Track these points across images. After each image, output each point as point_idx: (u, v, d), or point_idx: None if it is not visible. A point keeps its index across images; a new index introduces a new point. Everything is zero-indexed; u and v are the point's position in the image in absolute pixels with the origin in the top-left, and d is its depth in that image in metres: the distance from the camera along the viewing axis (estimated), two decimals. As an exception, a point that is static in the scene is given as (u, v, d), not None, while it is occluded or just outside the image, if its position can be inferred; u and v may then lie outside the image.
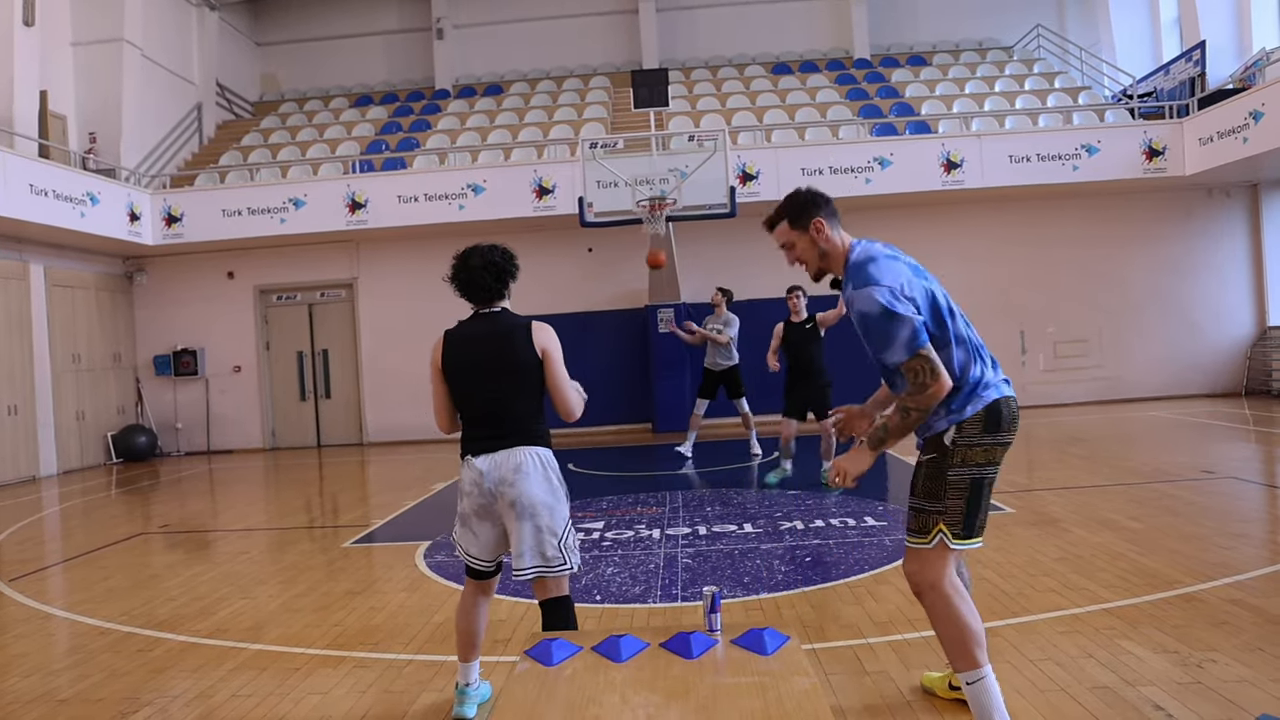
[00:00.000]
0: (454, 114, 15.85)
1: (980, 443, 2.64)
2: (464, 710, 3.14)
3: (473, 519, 3.08)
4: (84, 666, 3.98)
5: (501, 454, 3.02)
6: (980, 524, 2.67)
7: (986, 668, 2.60)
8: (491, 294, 3.13)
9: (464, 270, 3.11)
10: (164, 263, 13.81)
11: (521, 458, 3.01)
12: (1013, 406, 2.71)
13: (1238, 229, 13.28)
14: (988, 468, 2.65)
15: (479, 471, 3.03)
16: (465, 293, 3.14)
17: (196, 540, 6.98)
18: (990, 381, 2.68)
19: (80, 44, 13.21)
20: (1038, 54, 16.56)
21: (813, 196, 2.80)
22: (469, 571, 3.19)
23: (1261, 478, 7.15)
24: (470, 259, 3.12)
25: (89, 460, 12.65)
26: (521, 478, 2.99)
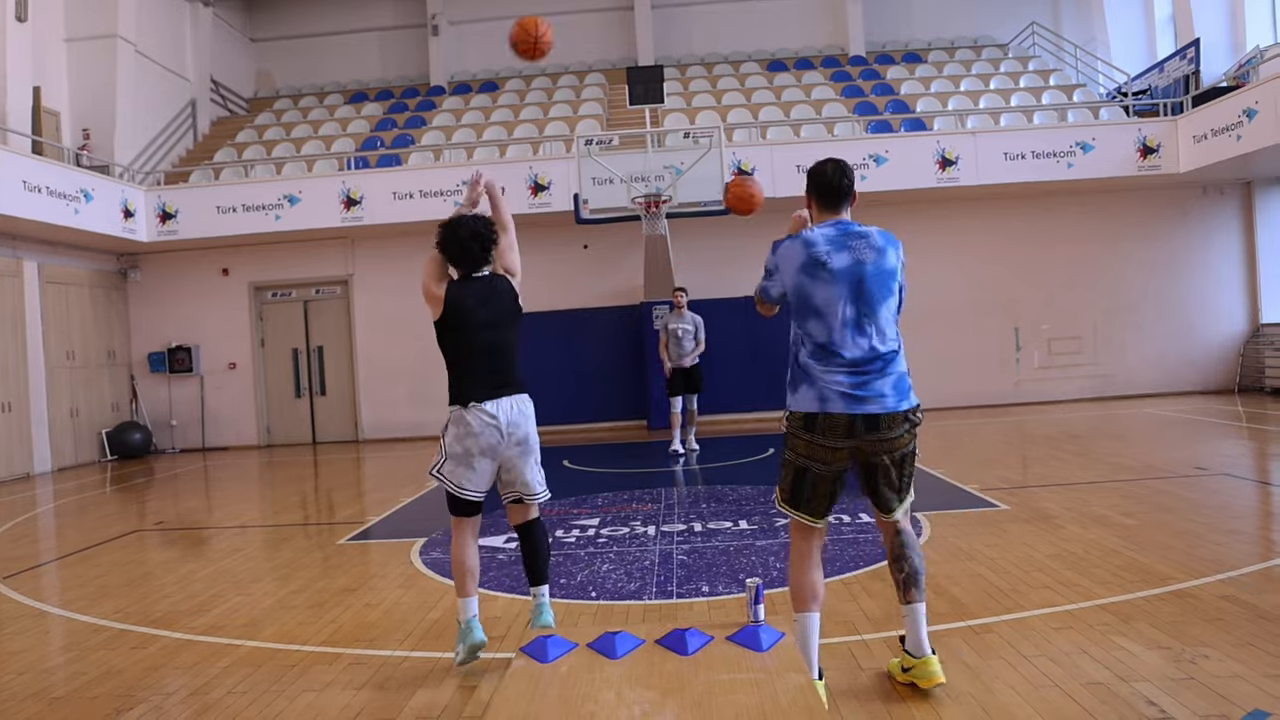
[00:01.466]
0: (449, 110, 15.82)
1: (800, 436, 3.05)
2: (476, 636, 3.49)
3: (477, 457, 3.48)
4: (78, 664, 3.98)
5: (508, 400, 3.50)
6: (803, 503, 3.07)
7: (801, 614, 3.05)
8: (480, 261, 3.56)
9: (455, 241, 3.52)
10: (158, 259, 13.77)
11: (527, 405, 3.57)
12: (832, 419, 2.97)
13: (1231, 227, 13.33)
14: (811, 461, 3.03)
15: (490, 415, 3.46)
16: (456, 261, 3.54)
17: (191, 537, 6.97)
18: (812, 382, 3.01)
19: (74, 40, 13.15)
20: (1033, 51, 16.58)
21: (812, 174, 3.22)
22: (462, 508, 3.56)
23: (1253, 474, 7.18)
24: (459, 230, 3.51)
25: (83, 457, 12.62)
26: (526, 420, 3.54)
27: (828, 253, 3.04)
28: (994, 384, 13.38)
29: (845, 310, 3.00)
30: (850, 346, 2.99)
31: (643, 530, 6.00)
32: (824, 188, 3.16)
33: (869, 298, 3.02)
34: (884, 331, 3.03)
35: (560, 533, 6.05)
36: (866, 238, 3.09)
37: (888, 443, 3.02)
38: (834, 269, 3.02)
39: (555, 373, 13.07)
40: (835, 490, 3.07)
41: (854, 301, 3.01)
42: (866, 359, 2.99)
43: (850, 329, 3.00)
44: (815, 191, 3.18)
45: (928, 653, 3.07)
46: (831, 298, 3.01)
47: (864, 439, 2.99)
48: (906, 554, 3.12)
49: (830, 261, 3.03)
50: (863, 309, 3.01)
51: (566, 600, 4.50)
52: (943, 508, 6.19)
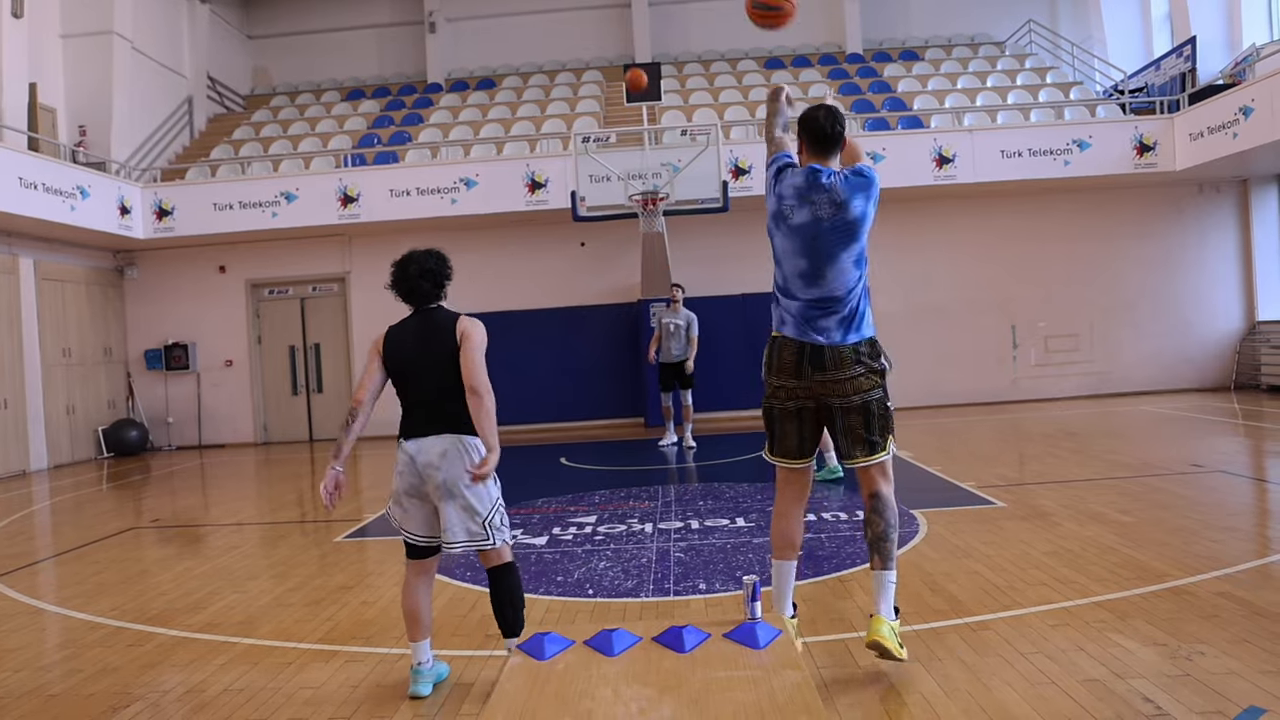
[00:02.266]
0: (446, 108, 15.79)
1: (766, 380, 3.29)
2: (419, 689, 3.28)
3: (404, 497, 3.32)
4: (75, 661, 3.97)
5: (429, 439, 3.27)
6: (775, 445, 3.31)
7: (778, 561, 3.35)
8: (430, 297, 3.44)
9: (404, 280, 3.40)
10: (155, 256, 13.74)
11: (446, 444, 3.26)
12: (785, 344, 3.20)
13: (1227, 224, 13.34)
14: (773, 401, 3.29)
15: (409, 455, 3.29)
16: (406, 299, 3.44)
17: (188, 535, 6.96)
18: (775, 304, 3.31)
19: (70, 36, 13.10)
20: (1030, 49, 16.57)
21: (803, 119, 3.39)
22: (408, 550, 3.39)
23: (1249, 471, 7.20)
24: (409, 267, 3.40)
25: (79, 455, 12.59)
26: (447, 462, 3.24)
27: (791, 207, 3.27)
28: (991, 381, 13.39)
29: (798, 262, 3.25)
30: (801, 292, 3.25)
31: (640, 528, 6.00)
32: (815, 134, 3.31)
33: (822, 253, 3.22)
34: (835, 279, 3.22)
35: (557, 530, 6.05)
36: (829, 191, 3.22)
37: (840, 384, 3.17)
38: (793, 224, 3.25)
39: (552, 370, 13.07)
40: (802, 430, 3.29)
41: (807, 255, 3.23)
42: (815, 300, 3.23)
43: (802, 278, 3.25)
44: (806, 137, 3.34)
45: (877, 611, 3.14)
46: (788, 250, 3.27)
47: (813, 380, 3.18)
48: (873, 518, 3.24)
49: (791, 216, 3.25)
50: (815, 262, 3.22)
51: (564, 598, 4.50)
52: (939, 505, 6.19)
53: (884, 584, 3.16)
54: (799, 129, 3.38)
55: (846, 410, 3.20)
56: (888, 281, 12.44)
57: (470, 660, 3.67)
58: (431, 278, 3.41)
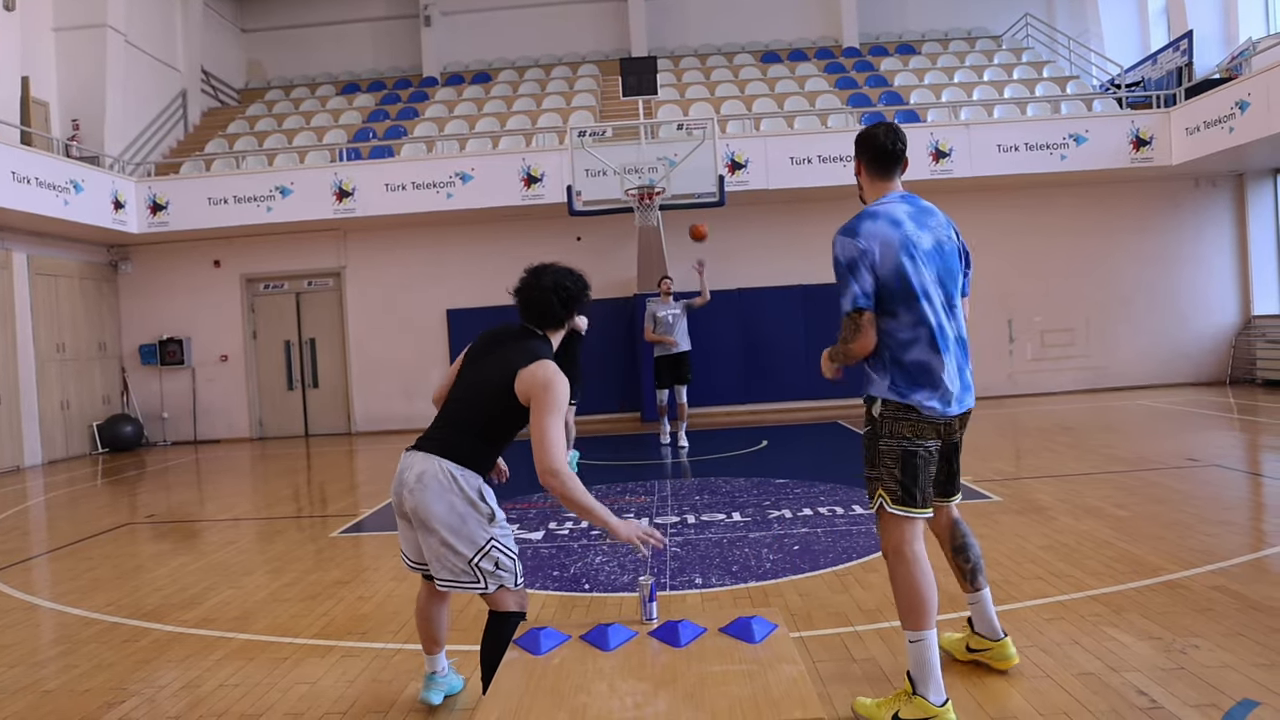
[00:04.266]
0: (442, 102, 15.74)
1: (904, 419, 2.80)
2: (429, 696, 3.15)
3: (397, 517, 2.94)
4: (70, 657, 3.96)
5: (416, 456, 2.85)
6: (919, 492, 2.82)
7: (929, 632, 2.76)
8: (546, 318, 2.95)
9: (536, 287, 2.93)
10: (149, 251, 13.69)
11: (426, 467, 2.80)
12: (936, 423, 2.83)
13: (1223, 219, 13.36)
14: (917, 440, 2.80)
15: (399, 467, 2.91)
16: (522, 311, 2.98)
17: (183, 530, 6.94)
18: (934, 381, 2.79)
19: (62, 29, 13.03)
20: (1026, 43, 16.56)
21: (861, 138, 2.99)
22: None
23: (1244, 466, 7.22)
24: (542, 278, 2.94)
25: (74, 450, 12.56)
26: (421, 489, 2.78)
27: (916, 232, 2.81)
28: (987, 376, 13.40)
29: (939, 292, 2.81)
30: (946, 337, 2.80)
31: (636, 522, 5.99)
32: (879, 153, 2.91)
33: (951, 280, 2.86)
34: (960, 317, 2.90)
35: (553, 525, 6.05)
36: (935, 214, 2.92)
37: (969, 413, 2.98)
38: (925, 249, 2.80)
39: (549, 365, 13.02)
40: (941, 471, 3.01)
41: (943, 283, 2.83)
42: (958, 347, 2.86)
43: (946, 314, 2.82)
44: (868, 158, 2.94)
45: (1002, 635, 3.17)
46: (930, 279, 2.78)
47: (946, 436, 2.91)
48: (970, 542, 3.21)
49: (920, 241, 2.80)
50: (949, 292, 2.84)
51: (560, 593, 4.50)
52: (935, 499, 6.19)
53: (991, 600, 3.23)
54: (858, 149, 2.98)
55: (960, 443, 3.03)
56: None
57: (466, 655, 3.66)
58: (561, 294, 2.91)
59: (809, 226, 12.82)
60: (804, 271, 12.77)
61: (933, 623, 2.76)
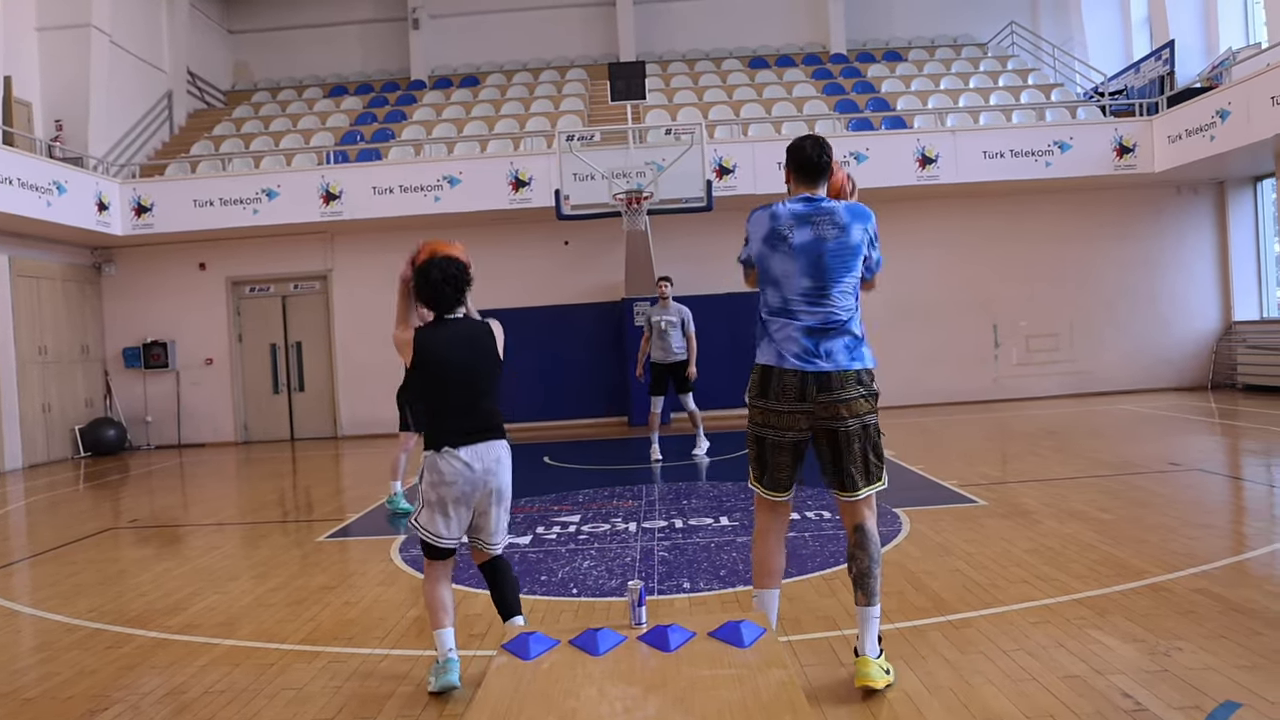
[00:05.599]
0: (429, 105, 15.72)
1: (756, 405, 3.22)
2: (451, 678, 3.27)
3: (452, 505, 3.31)
4: (51, 664, 3.92)
5: (483, 446, 3.34)
6: (765, 475, 3.25)
7: (760, 590, 3.28)
8: (453, 304, 3.44)
9: (427, 285, 3.41)
10: (133, 253, 13.58)
11: (500, 450, 3.39)
12: (785, 376, 3.14)
13: (1204, 226, 13.51)
14: (765, 428, 3.21)
15: (465, 462, 3.30)
16: (430, 305, 3.44)
17: (167, 535, 6.89)
18: (770, 339, 3.22)
19: (46, 29, 12.92)
20: (1011, 51, 16.71)
21: (791, 149, 3.34)
22: (436, 552, 3.40)
23: (1226, 470, 7.30)
24: (430, 273, 3.40)
25: (55, 454, 12.43)
26: (501, 468, 3.38)
27: (790, 227, 3.21)
28: (973, 380, 13.49)
29: (802, 282, 3.18)
30: (805, 315, 3.18)
31: (624, 527, 6.00)
32: (803, 163, 3.29)
33: (826, 272, 3.17)
34: (838, 301, 3.18)
35: (541, 529, 6.04)
36: (831, 214, 3.21)
37: (844, 405, 3.11)
38: (794, 244, 3.19)
39: (535, 369, 13.02)
40: (795, 462, 3.25)
41: (811, 275, 3.18)
42: (819, 325, 3.17)
43: (805, 299, 3.18)
44: (794, 166, 3.32)
45: (865, 652, 3.10)
46: (790, 271, 3.20)
47: (817, 400, 3.12)
48: (857, 553, 3.17)
49: (792, 237, 3.20)
50: (819, 283, 3.17)
51: (548, 597, 4.49)
52: (922, 504, 6.23)
53: (869, 620, 3.11)
54: (787, 158, 3.34)
55: (848, 436, 3.12)
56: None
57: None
58: (453, 283, 3.41)
59: (796, 231, 12.88)
60: (791, 276, 12.81)
61: (765, 584, 3.27)
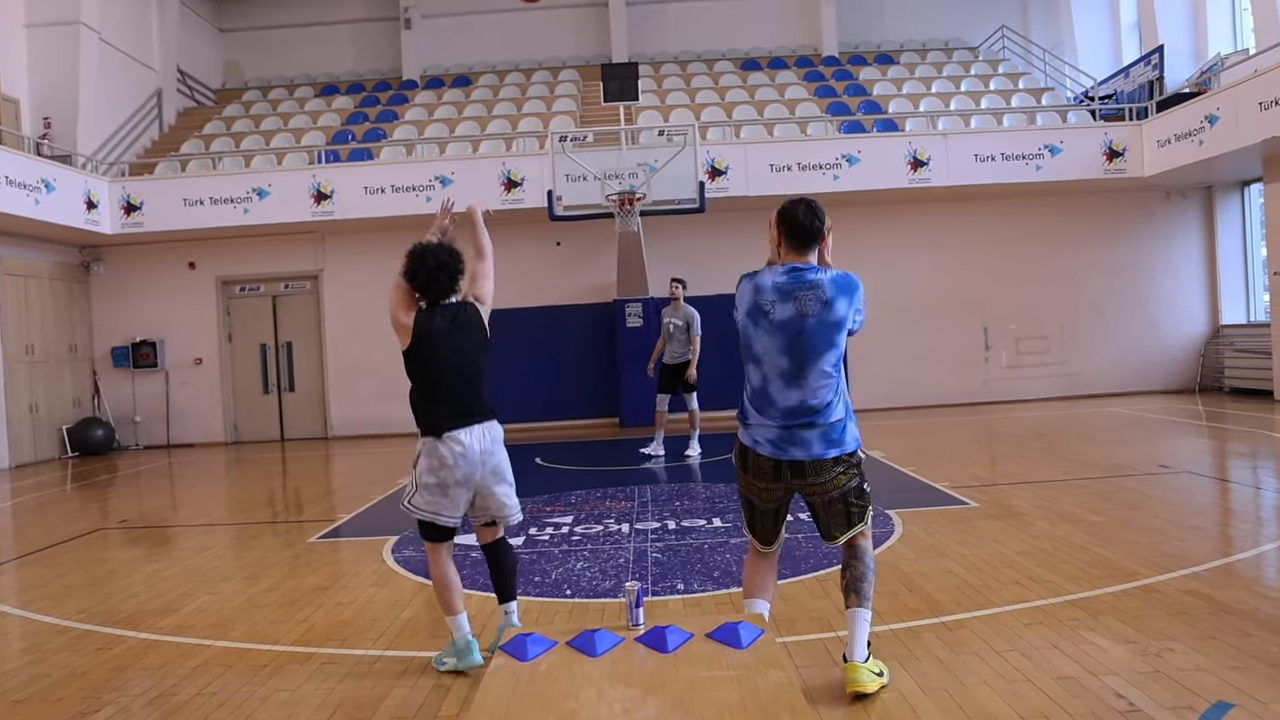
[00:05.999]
0: (421, 105, 15.67)
1: (741, 472, 3.24)
2: (476, 658, 3.45)
3: (453, 488, 3.45)
4: (41, 666, 3.89)
5: (480, 428, 3.51)
6: (754, 530, 3.28)
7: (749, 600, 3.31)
8: (447, 291, 3.56)
9: (422, 271, 3.49)
10: (122, 252, 13.48)
11: (497, 431, 3.59)
12: (761, 460, 3.12)
13: (1193, 230, 13.61)
14: (749, 492, 3.22)
15: (463, 444, 3.44)
16: (423, 291, 3.53)
17: (157, 535, 6.84)
18: (747, 423, 3.18)
19: (34, 26, 12.81)
20: (1002, 54, 16.79)
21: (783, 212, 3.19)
22: (437, 534, 3.53)
23: (1214, 472, 7.35)
24: (426, 260, 3.49)
25: (42, 454, 12.32)
26: (499, 447, 3.57)
27: (772, 303, 3.08)
28: (963, 383, 13.54)
29: (780, 361, 3.07)
30: (781, 398, 3.08)
31: (616, 528, 5.99)
32: (794, 229, 3.12)
33: (806, 351, 3.04)
34: (817, 385, 3.06)
35: (534, 530, 6.03)
36: (816, 288, 3.06)
37: (819, 485, 3.10)
38: (775, 320, 3.07)
39: (527, 370, 13.01)
40: (778, 521, 3.27)
41: (789, 354, 3.06)
42: (795, 410, 3.06)
43: (783, 380, 3.07)
44: (785, 231, 3.15)
45: (854, 658, 3.07)
46: (770, 348, 3.09)
47: (792, 483, 3.12)
48: (853, 562, 3.20)
49: (773, 313, 3.07)
50: (797, 363, 3.05)
51: (541, 598, 4.49)
52: (914, 505, 6.25)
53: (860, 622, 3.09)
54: (777, 220, 3.16)
55: (827, 504, 3.14)
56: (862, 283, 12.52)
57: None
58: (447, 271, 3.52)
59: (788, 233, 12.89)
60: (783, 278, 12.81)
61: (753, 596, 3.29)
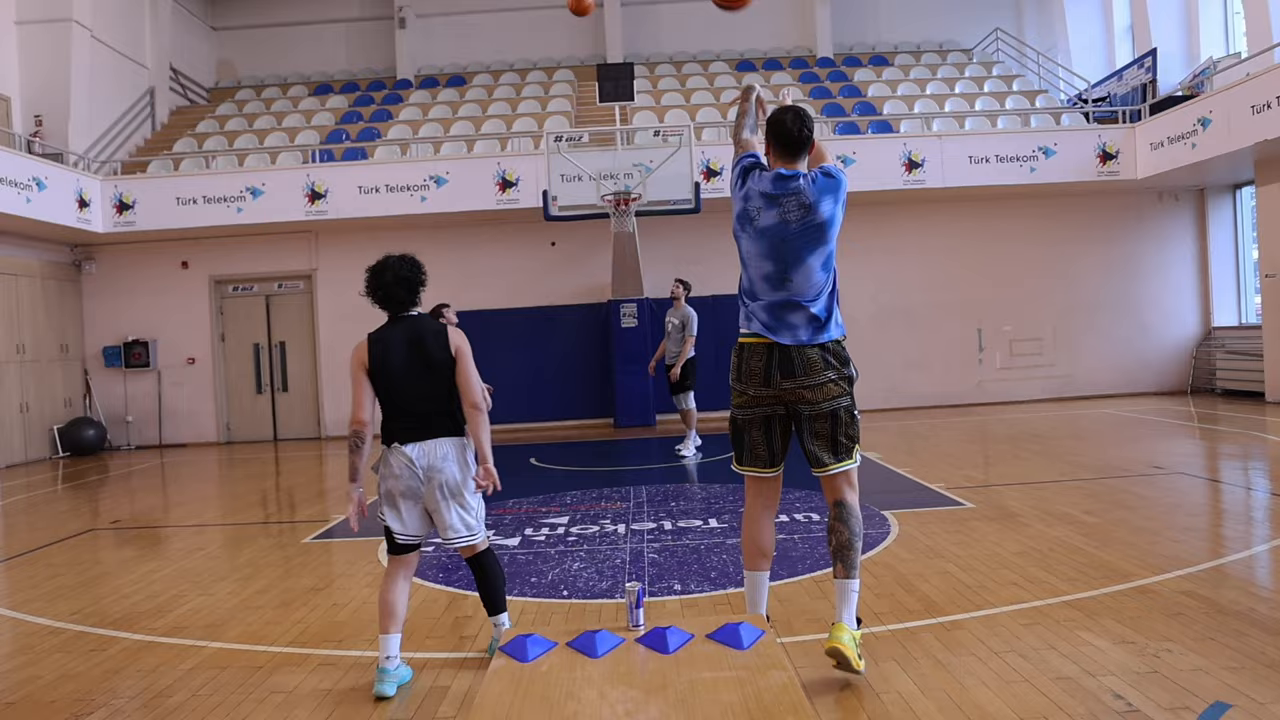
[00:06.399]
0: (416, 104, 15.63)
1: (733, 388, 3.29)
2: (384, 689, 3.28)
3: (399, 499, 3.41)
4: (33, 667, 3.85)
5: (430, 443, 3.40)
6: (744, 455, 3.31)
7: (750, 571, 3.35)
8: (405, 304, 3.48)
9: (380, 286, 3.45)
10: (114, 251, 13.42)
11: (447, 447, 3.41)
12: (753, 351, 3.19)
13: (1185, 232, 13.67)
14: (739, 410, 3.27)
15: (408, 457, 3.38)
16: (383, 305, 3.49)
17: (149, 536, 6.80)
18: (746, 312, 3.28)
19: (25, 23, 12.74)
20: (997, 57, 16.84)
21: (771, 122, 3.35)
22: (393, 548, 3.48)
23: (1207, 473, 7.38)
24: (384, 274, 3.45)
25: (33, 454, 12.25)
26: (447, 464, 3.39)
27: (758, 209, 3.22)
28: (957, 384, 13.58)
29: (764, 265, 3.21)
30: (767, 295, 3.21)
31: (612, 529, 5.98)
32: (782, 136, 3.27)
33: (789, 256, 3.18)
34: (802, 283, 3.19)
35: (530, 531, 6.02)
36: (797, 194, 3.18)
37: (811, 390, 3.15)
38: (759, 226, 3.21)
39: (521, 370, 12.98)
40: (770, 437, 3.27)
41: (773, 258, 3.19)
42: (780, 304, 3.20)
43: (768, 281, 3.21)
44: (773, 139, 3.30)
45: (839, 619, 3.13)
46: (754, 252, 3.24)
47: (782, 386, 3.15)
48: (837, 525, 3.23)
49: (758, 218, 3.21)
50: (781, 266, 3.18)
51: (538, 599, 4.47)
52: (910, 506, 6.26)
53: (847, 592, 3.15)
54: (766, 131, 3.35)
55: (815, 417, 3.19)
56: (856, 284, 12.56)
57: (445, 663, 3.63)
58: (406, 285, 3.45)
59: (783, 234, 12.89)
60: (778, 279, 12.81)
61: (754, 565, 3.32)
